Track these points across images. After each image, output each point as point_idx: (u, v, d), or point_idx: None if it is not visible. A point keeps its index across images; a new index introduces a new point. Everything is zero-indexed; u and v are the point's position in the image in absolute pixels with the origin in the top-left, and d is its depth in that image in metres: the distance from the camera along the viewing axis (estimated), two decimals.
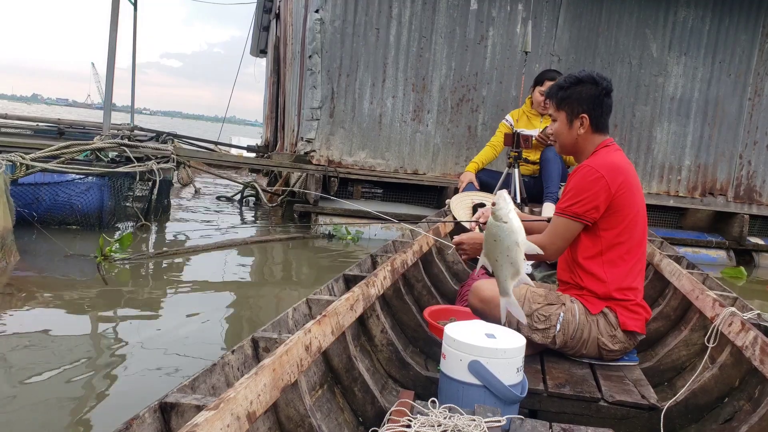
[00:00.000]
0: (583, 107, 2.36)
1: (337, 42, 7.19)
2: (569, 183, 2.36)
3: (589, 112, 2.36)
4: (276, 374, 1.55)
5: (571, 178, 2.37)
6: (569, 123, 2.41)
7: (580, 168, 2.33)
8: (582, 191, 2.27)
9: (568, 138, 2.43)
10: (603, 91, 2.36)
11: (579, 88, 2.38)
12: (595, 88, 2.36)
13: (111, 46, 6.96)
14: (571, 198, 2.29)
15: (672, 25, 7.60)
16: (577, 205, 2.27)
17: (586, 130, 2.38)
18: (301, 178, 7.99)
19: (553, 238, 2.32)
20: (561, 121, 2.44)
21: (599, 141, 2.39)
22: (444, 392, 1.95)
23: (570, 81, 2.42)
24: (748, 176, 7.95)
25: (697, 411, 2.21)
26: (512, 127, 4.92)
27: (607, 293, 2.31)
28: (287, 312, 2.07)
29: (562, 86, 2.43)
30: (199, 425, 1.18)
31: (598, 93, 2.36)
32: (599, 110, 2.37)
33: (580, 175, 2.30)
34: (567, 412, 2.10)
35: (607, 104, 2.38)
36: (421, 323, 2.87)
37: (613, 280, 2.30)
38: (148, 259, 5.21)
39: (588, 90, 2.36)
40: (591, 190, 2.25)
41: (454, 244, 2.60)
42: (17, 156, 5.36)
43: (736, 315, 2.32)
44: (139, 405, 1.35)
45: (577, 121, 2.38)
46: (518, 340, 1.96)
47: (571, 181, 2.35)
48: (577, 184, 2.30)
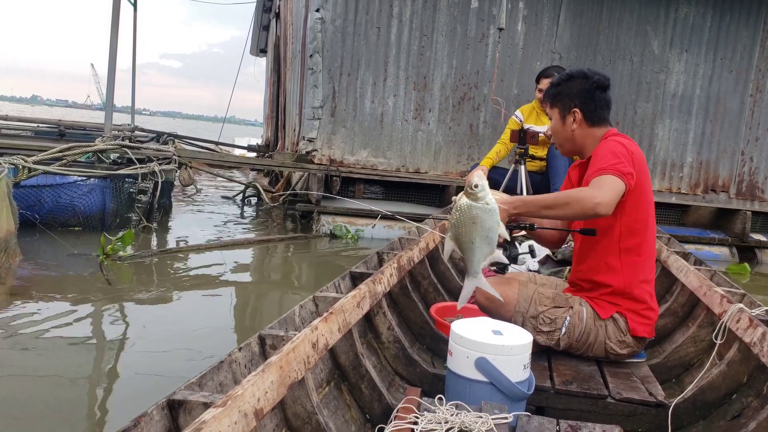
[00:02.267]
0: (575, 102, 2.34)
1: (338, 41, 7.18)
2: (597, 153, 2.20)
3: (580, 106, 2.34)
4: (283, 371, 1.55)
5: (594, 152, 2.24)
6: (562, 119, 2.39)
7: (600, 145, 2.24)
8: (616, 155, 2.14)
9: (564, 134, 2.41)
10: (594, 85, 2.33)
11: (569, 83, 2.37)
12: (585, 82, 2.34)
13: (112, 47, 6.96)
14: (609, 159, 2.13)
15: (673, 22, 7.59)
16: (620, 165, 2.11)
17: (580, 124, 2.35)
18: (303, 177, 7.99)
19: (604, 189, 2.06)
20: (555, 118, 2.43)
21: (600, 134, 2.36)
22: (451, 389, 1.94)
23: (561, 78, 2.43)
24: (750, 173, 7.95)
25: (705, 408, 2.20)
26: (521, 122, 4.91)
27: (623, 288, 2.26)
28: (294, 309, 2.07)
29: (554, 84, 2.43)
30: (207, 422, 1.18)
31: (588, 87, 2.33)
32: (591, 104, 2.34)
33: (605, 145, 2.20)
34: (574, 409, 2.09)
35: (600, 98, 2.34)
36: (427, 320, 2.87)
37: (629, 272, 2.26)
38: (151, 257, 5.22)
39: (579, 84, 2.35)
40: (624, 154, 2.15)
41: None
42: (19, 159, 5.36)
43: (744, 311, 2.31)
44: (146, 402, 1.35)
45: (569, 117, 2.37)
46: (525, 336, 1.95)
47: (599, 152, 2.19)
48: (609, 149, 2.16)
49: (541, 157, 4.87)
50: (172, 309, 4.07)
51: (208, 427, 1.17)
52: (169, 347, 3.31)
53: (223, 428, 1.22)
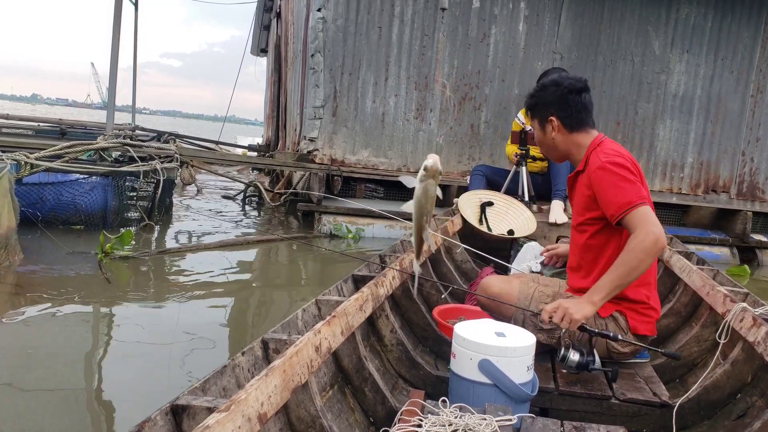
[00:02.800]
0: (550, 110, 2.36)
1: (339, 41, 7.18)
2: (608, 181, 2.18)
3: (556, 113, 2.34)
4: (286, 375, 1.54)
5: (595, 182, 2.21)
6: (542, 129, 2.42)
7: (598, 168, 2.21)
8: (629, 180, 2.14)
9: (546, 143, 2.44)
10: (566, 90, 2.33)
11: (543, 93, 2.40)
12: (557, 89, 2.35)
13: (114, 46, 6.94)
14: (626, 190, 2.13)
15: (674, 22, 7.59)
16: (639, 190, 2.13)
17: (559, 131, 2.36)
18: (304, 177, 7.99)
19: (648, 223, 2.07)
20: (536, 128, 2.46)
21: (586, 140, 2.35)
22: (454, 391, 1.95)
23: (536, 89, 2.46)
24: (750, 173, 7.95)
25: (710, 407, 2.21)
26: (523, 124, 4.91)
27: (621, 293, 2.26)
28: (297, 313, 2.07)
29: (530, 95, 2.46)
30: (211, 427, 1.18)
31: (561, 93, 2.34)
32: (567, 110, 2.33)
33: (608, 172, 2.17)
34: (578, 411, 2.09)
35: (575, 101, 2.33)
36: (430, 323, 2.87)
37: None
38: (151, 256, 5.22)
39: (551, 92, 2.36)
40: (631, 176, 2.16)
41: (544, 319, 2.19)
42: (21, 155, 5.36)
43: (747, 310, 2.30)
44: (148, 407, 1.35)
45: (548, 125, 2.38)
46: (528, 338, 1.96)
47: (610, 179, 2.17)
48: (619, 176, 2.15)
49: (542, 158, 4.87)
50: (171, 309, 4.07)
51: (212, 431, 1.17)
52: (169, 349, 3.31)
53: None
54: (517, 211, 4.42)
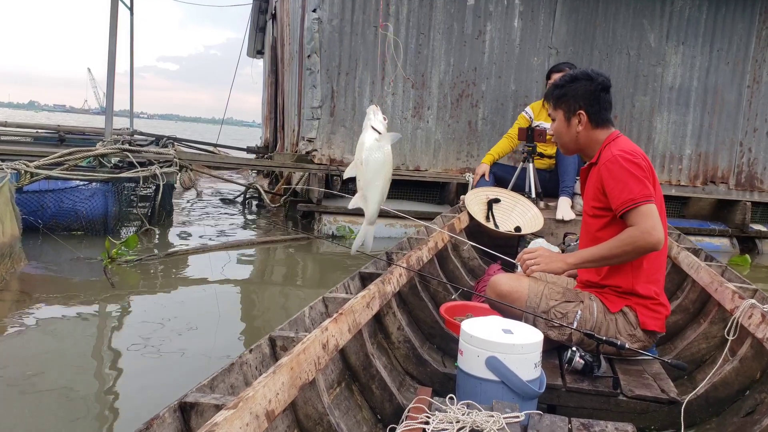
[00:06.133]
0: (580, 104, 2.36)
1: (335, 41, 7.18)
2: (616, 174, 2.21)
3: (586, 108, 2.35)
4: (294, 373, 1.55)
5: (605, 172, 2.24)
6: (567, 121, 2.41)
7: (609, 161, 2.24)
8: (637, 177, 2.18)
9: (568, 136, 2.43)
10: (599, 87, 2.35)
11: (574, 85, 2.38)
12: (590, 84, 2.35)
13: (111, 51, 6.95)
14: (633, 186, 2.17)
15: (669, 14, 7.59)
16: (645, 189, 2.17)
17: (585, 126, 2.37)
18: (304, 177, 8.00)
19: (650, 221, 2.13)
20: (559, 119, 2.44)
21: (603, 136, 2.37)
22: (462, 388, 1.96)
23: (565, 79, 2.43)
24: (749, 163, 7.96)
25: (718, 404, 2.20)
26: (531, 119, 4.89)
27: (630, 288, 2.28)
28: (304, 310, 2.08)
29: (557, 85, 2.43)
30: (219, 424, 1.19)
31: (594, 88, 2.35)
32: (596, 106, 2.35)
33: (618, 165, 2.20)
34: (586, 407, 2.09)
35: (604, 99, 2.36)
36: (437, 320, 2.87)
37: (637, 273, 2.28)
38: (156, 260, 5.23)
39: (583, 86, 2.36)
40: (641, 173, 2.19)
41: (519, 261, 2.42)
42: (21, 164, 5.37)
43: (756, 307, 2.29)
44: (156, 405, 1.36)
45: (575, 119, 2.38)
46: (535, 335, 1.96)
47: (617, 174, 2.20)
48: (628, 171, 2.18)
49: (550, 155, 4.85)
50: (177, 311, 4.08)
51: (220, 429, 1.18)
52: (177, 349, 3.32)
53: (234, 430, 1.22)
54: (524, 208, 4.43)
